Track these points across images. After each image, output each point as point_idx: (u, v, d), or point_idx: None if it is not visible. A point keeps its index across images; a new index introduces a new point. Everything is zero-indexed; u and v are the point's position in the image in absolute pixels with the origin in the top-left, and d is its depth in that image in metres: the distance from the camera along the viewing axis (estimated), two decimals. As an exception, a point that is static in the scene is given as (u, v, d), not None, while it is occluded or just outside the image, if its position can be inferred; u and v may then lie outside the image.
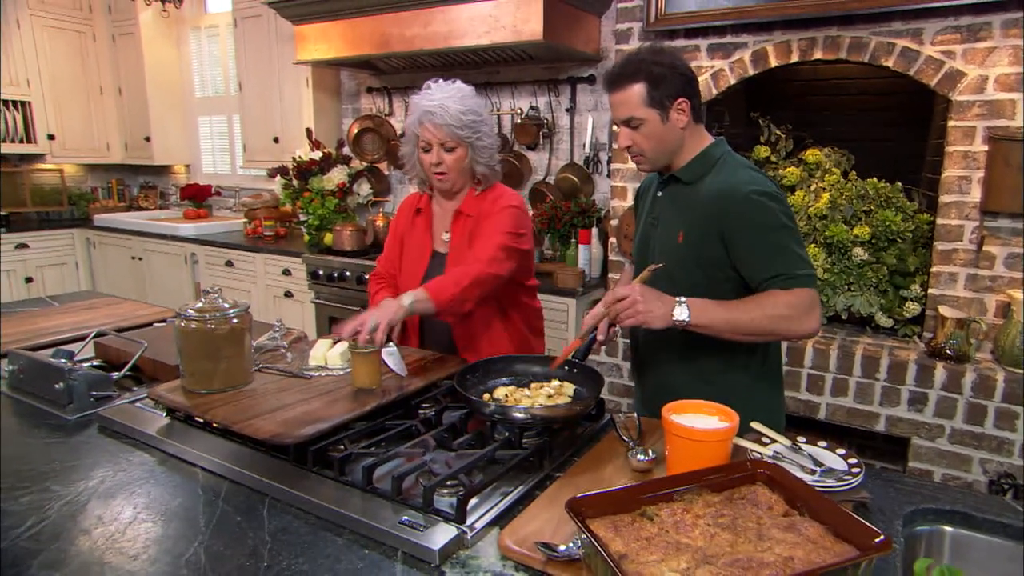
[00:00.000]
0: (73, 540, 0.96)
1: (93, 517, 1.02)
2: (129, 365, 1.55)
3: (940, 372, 2.13)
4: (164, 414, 1.37)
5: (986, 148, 2.12)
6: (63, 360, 1.47)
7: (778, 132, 2.73)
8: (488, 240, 1.71)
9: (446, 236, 1.83)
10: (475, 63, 3.50)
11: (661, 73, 1.38)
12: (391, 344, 1.55)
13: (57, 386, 1.40)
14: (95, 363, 1.64)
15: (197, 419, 1.32)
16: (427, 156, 1.73)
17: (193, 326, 1.37)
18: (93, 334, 1.69)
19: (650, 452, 1.18)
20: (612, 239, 2.94)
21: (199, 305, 1.40)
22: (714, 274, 1.42)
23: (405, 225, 1.91)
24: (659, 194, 1.54)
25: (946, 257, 2.25)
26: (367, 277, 3.33)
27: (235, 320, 1.40)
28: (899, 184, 2.46)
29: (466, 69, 3.60)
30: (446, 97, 1.67)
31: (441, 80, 1.74)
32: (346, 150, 4.06)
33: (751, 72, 2.48)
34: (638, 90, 1.38)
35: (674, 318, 1.31)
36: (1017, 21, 2.05)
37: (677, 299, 1.32)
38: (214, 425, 1.29)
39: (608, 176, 3.29)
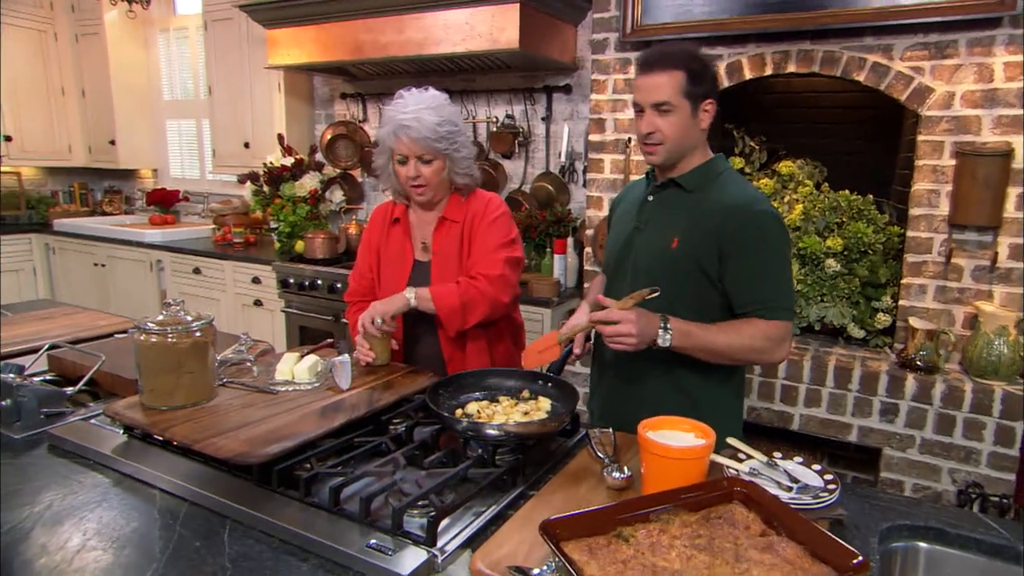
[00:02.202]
0: (12, 573, 0.90)
1: (36, 546, 0.96)
2: (84, 379, 1.48)
3: (911, 383, 2.15)
4: (121, 432, 1.31)
5: (954, 163, 2.16)
6: (11, 375, 1.40)
7: (752, 144, 2.75)
8: (493, 256, 1.69)
9: (429, 245, 1.79)
10: (451, 70, 3.47)
11: (701, 69, 1.39)
12: (344, 355, 1.53)
13: (4, 402, 1.32)
14: (48, 378, 1.57)
15: (156, 437, 1.26)
16: (404, 169, 1.68)
17: (153, 340, 1.31)
18: (46, 346, 1.61)
19: (625, 469, 1.16)
20: (588, 249, 2.93)
21: (160, 318, 1.34)
22: (700, 284, 1.42)
23: (380, 236, 1.86)
24: (649, 199, 1.52)
25: (916, 269, 2.28)
26: (339, 286, 3.29)
27: (198, 333, 1.35)
28: (870, 196, 2.49)
29: (441, 76, 3.57)
30: (421, 108, 1.63)
31: (414, 88, 1.70)
32: (319, 156, 3.99)
33: (726, 84, 2.50)
34: (678, 77, 1.36)
35: (657, 344, 1.33)
36: (981, 40, 2.09)
37: (662, 324, 1.33)
38: (174, 444, 1.23)
39: (584, 186, 3.28)
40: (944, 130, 2.18)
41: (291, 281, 3.51)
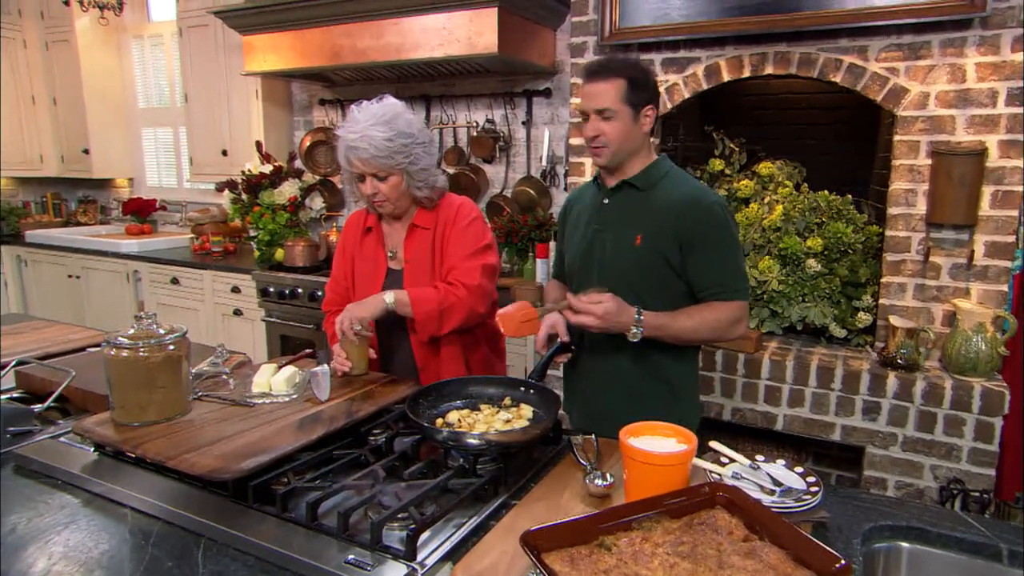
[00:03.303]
0: (-24, 599, 0.87)
1: (-1, 573, 0.93)
2: (53, 396, 1.44)
3: (892, 381, 2.17)
4: (92, 450, 1.27)
5: (930, 162, 2.18)
6: (-23, 393, 1.36)
7: (732, 145, 2.76)
8: (469, 263, 1.68)
9: (400, 253, 1.77)
10: (430, 76, 3.46)
11: (640, 78, 1.50)
12: (323, 365, 1.52)
13: (-32, 422, 1.28)
14: (15, 395, 1.52)
15: (128, 455, 1.22)
16: (362, 186, 1.67)
17: (124, 354, 1.27)
18: (13, 362, 1.57)
19: (608, 476, 1.14)
20: (570, 252, 2.93)
21: (131, 331, 1.31)
22: (665, 275, 1.53)
23: (353, 245, 1.84)
24: (605, 201, 1.61)
25: (895, 268, 2.30)
26: (320, 294, 3.25)
27: (171, 346, 1.31)
28: (849, 196, 2.51)
29: (420, 81, 3.55)
30: (369, 125, 1.59)
31: (365, 102, 1.66)
32: (298, 163, 3.95)
33: (705, 86, 2.50)
34: (619, 84, 1.47)
35: (629, 336, 1.45)
36: (953, 41, 2.12)
37: (636, 316, 1.43)
38: (147, 461, 1.19)
39: (565, 189, 3.28)
40: (920, 130, 2.20)
41: (271, 290, 3.47)
